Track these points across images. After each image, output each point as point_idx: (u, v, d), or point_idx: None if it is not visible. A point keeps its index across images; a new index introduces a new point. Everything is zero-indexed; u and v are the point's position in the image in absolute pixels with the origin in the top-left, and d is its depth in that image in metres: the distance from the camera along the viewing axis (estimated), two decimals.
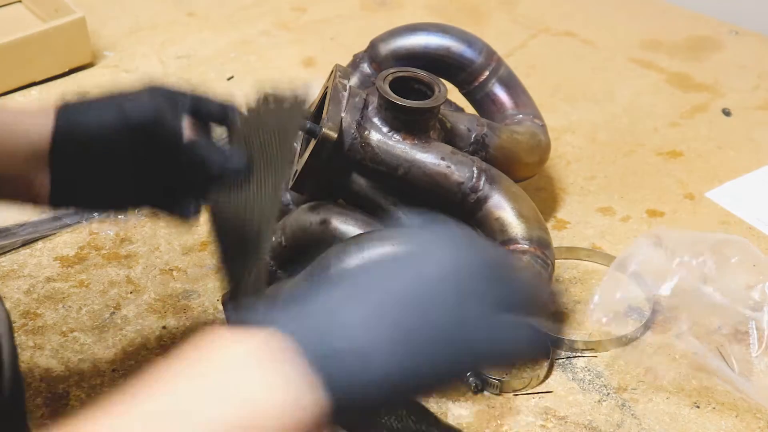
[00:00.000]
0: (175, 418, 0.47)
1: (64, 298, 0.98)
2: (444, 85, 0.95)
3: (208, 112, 0.77)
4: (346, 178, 0.93)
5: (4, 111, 0.75)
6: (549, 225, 1.09)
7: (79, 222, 1.07)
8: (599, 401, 0.88)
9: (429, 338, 0.51)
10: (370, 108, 0.93)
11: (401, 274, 0.53)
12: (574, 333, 0.95)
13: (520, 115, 1.08)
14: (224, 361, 0.49)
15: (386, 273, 0.54)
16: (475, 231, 0.94)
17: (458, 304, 0.52)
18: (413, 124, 0.92)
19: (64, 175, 0.74)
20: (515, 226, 0.92)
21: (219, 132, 0.79)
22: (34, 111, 0.75)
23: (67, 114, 0.74)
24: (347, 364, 0.50)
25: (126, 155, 0.74)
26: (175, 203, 0.78)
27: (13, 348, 0.67)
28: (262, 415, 0.48)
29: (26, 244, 1.05)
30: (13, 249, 1.04)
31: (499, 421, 0.86)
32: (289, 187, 0.94)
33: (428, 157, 0.92)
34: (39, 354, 0.91)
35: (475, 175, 0.92)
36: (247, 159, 0.75)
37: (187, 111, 0.76)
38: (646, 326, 0.94)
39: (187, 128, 0.75)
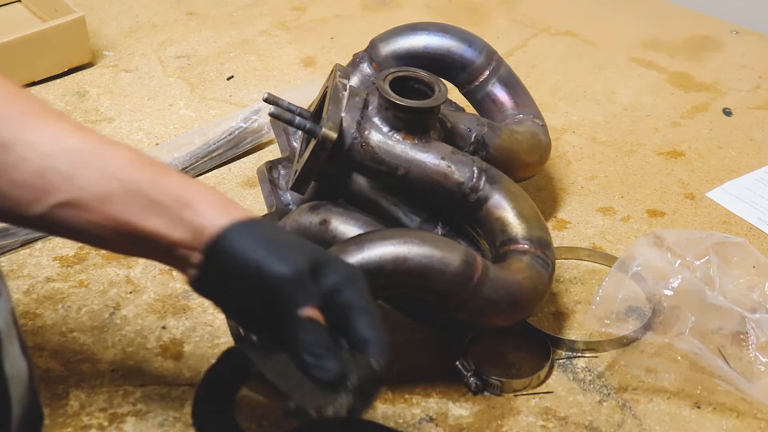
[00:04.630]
0: None
1: (63, 298, 0.98)
2: (444, 84, 0.95)
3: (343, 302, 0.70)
4: (346, 178, 0.93)
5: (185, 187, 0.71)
6: (549, 225, 1.09)
7: None
8: (600, 402, 0.88)
9: None
10: (370, 108, 0.93)
11: None
12: (575, 333, 0.95)
13: (521, 115, 1.08)
14: None
15: None
16: (475, 231, 0.95)
17: None
18: (413, 123, 0.92)
19: (207, 288, 0.72)
20: (515, 226, 0.91)
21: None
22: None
23: (220, 251, 0.69)
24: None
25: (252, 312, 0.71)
26: None
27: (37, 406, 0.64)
28: None
29: (26, 244, 1.05)
30: (13, 249, 1.04)
31: (499, 422, 0.86)
32: (289, 187, 0.93)
33: (428, 157, 0.92)
34: (39, 354, 0.91)
35: (475, 175, 0.92)
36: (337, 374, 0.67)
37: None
38: (647, 327, 0.94)
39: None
